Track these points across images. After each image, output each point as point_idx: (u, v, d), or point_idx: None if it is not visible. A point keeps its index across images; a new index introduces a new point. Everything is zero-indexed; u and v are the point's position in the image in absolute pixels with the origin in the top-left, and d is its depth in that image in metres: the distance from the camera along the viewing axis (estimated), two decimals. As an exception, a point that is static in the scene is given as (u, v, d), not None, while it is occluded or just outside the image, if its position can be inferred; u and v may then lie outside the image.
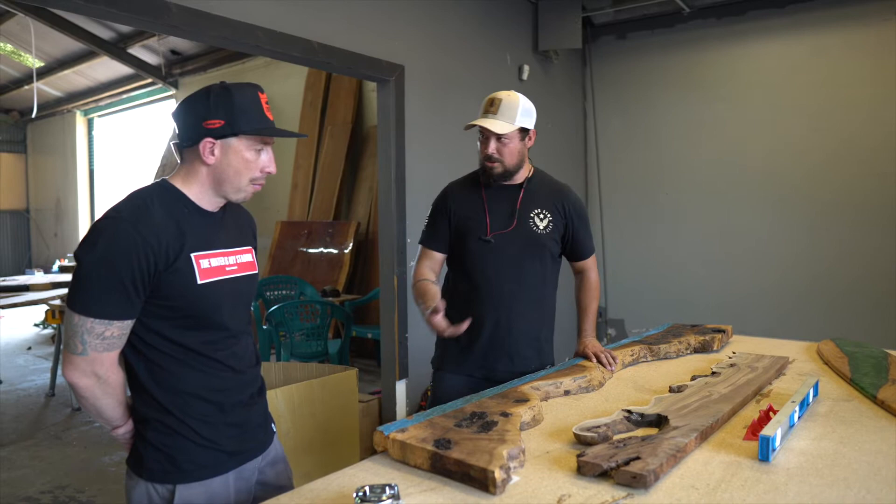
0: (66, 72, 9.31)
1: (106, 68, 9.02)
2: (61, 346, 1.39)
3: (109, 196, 10.97)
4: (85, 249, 1.27)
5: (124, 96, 9.83)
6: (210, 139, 1.35)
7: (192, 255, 1.35)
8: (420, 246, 2.26)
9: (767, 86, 4.67)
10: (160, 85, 8.82)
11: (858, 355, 2.17)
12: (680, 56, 5.05)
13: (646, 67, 5.20)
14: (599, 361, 2.03)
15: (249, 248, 1.53)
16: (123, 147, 10.79)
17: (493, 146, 2.06)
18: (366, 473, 1.30)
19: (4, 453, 3.95)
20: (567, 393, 1.82)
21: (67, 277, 5.73)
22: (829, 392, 1.83)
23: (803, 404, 1.59)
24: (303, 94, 7.10)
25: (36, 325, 8.18)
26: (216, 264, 1.40)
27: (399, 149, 3.64)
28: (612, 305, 5.43)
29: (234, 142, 1.37)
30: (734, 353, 2.21)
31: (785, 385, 1.89)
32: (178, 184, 1.40)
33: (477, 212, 2.14)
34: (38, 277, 7.20)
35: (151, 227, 1.29)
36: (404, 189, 3.69)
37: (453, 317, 1.99)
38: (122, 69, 8.83)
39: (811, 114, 4.51)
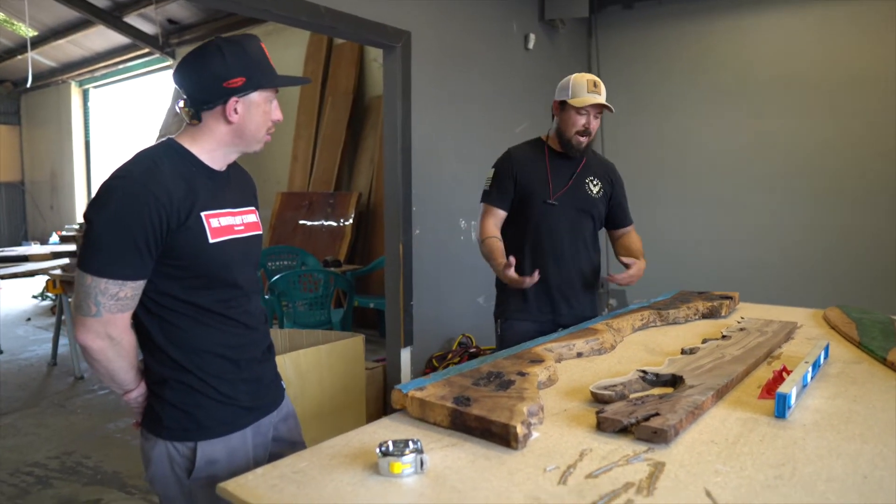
0: (61, 41, 9.18)
1: (101, 38, 8.89)
2: (73, 309, 1.37)
3: (106, 168, 10.90)
4: (96, 210, 1.26)
5: (120, 66, 9.71)
6: (235, 98, 1.35)
7: (203, 213, 1.34)
8: (483, 204, 2.47)
9: (775, 58, 4.62)
10: (157, 55, 8.71)
11: (865, 321, 2.19)
12: (687, 26, 4.99)
13: (652, 38, 5.15)
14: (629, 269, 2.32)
15: (253, 208, 1.53)
16: (120, 118, 10.68)
17: (594, 122, 2.35)
18: (385, 430, 1.31)
19: (9, 421, 3.97)
20: (580, 355, 1.83)
21: (68, 247, 5.70)
22: (839, 355, 1.84)
23: (815, 365, 1.60)
24: (303, 64, 7.02)
25: (34, 296, 8.18)
26: (225, 223, 1.40)
27: (405, 116, 3.61)
28: (614, 277, 5.43)
29: (255, 96, 1.37)
30: (742, 318, 2.23)
31: (794, 348, 1.90)
32: (186, 143, 1.38)
33: (540, 176, 2.42)
34: (37, 248, 7.17)
35: (162, 186, 1.28)
36: (410, 157, 3.67)
37: (518, 267, 2.27)
38: (118, 39, 8.71)
39: (818, 87, 4.47)
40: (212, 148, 1.40)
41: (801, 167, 4.58)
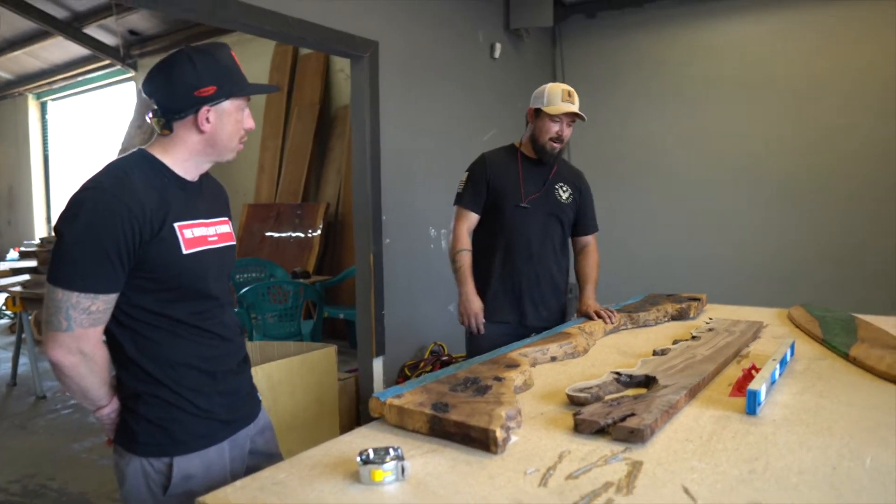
0: (17, 53, 8.93)
1: (60, 49, 8.69)
2: (43, 325, 1.32)
3: (65, 182, 10.64)
4: (66, 222, 1.23)
5: (80, 78, 9.49)
6: (207, 107, 1.34)
7: (176, 224, 1.32)
8: (456, 207, 2.51)
9: (738, 64, 4.74)
10: (118, 66, 8.54)
11: (828, 318, 2.26)
12: (650, 35, 5.10)
13: (616, 46, 5.24)
14: (600, 317, 2.27)
15: (226, 218, 1.52)
16: (79, 131, 10.44)
17: (567, 130, 2.43)
18: (364, 439, 1.31)
19: (-32, 445, 3.83)
20: (554, 359, 1.85)
21: (28, 263, 5.55)
22: (804, 352, 1.90)
23: (782, 363, 1.65)
24: (269, 75, 6.97)
25: (-8, 315, 7.92)
26: (199, 234, 1.38)
27: (373, 125, 3.61)
28: (583, 282, 5.49)
29: (227, 105, 1.36)
30: (711, 318, 2.28)
31: (762, 347, 1.95)
32: (158, 153, 1.36)
33: (513, 180, 2.48)
34: (-5, 265, 6.95)
35: (134, 197, 1.26)
36: (379, 167, 3.67)
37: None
38: (77, 50, 8.52)
39: (781, 93, 4.60)
40: (184, 158, 1.38)
41: (759, 170, 4.70)
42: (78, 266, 1.23)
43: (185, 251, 1.33)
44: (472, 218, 2.49)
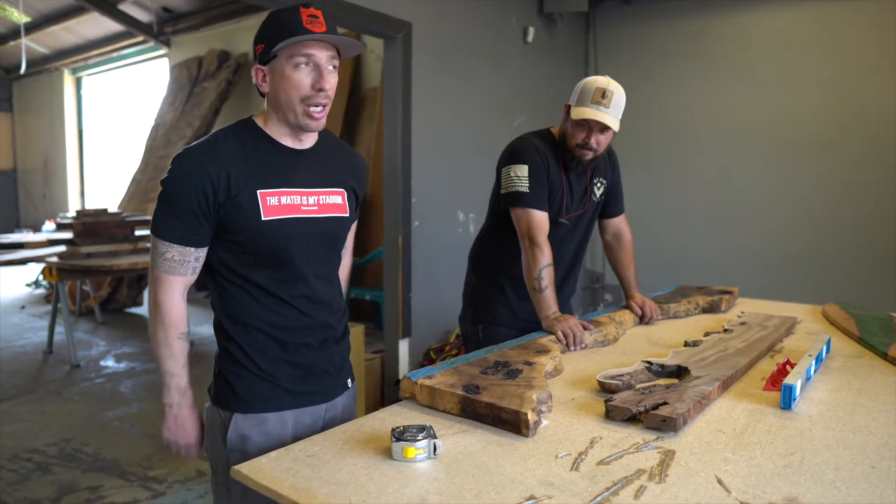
0: (54, 28, 9.08)
1: (95, 25, 8.81)
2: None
3: (99, 156, 10.82)
4: (164, 179, 1.32)
5: (114, 54, 9.62)
6: (258, 66, 1.33)
7: (259, 191, 1.32)
8: (523, 210, 2.00)
9: (771, 53, 4.64)
10: (151, 43, 8.64)
11: (864, 317, 2.21)
12: (683, 21, 5.00)
13: (650, 33, 5.15)
14: (645, 314, 2.17)
15: (341, 189, 1.46)
16: (113, 107, 10.59)
17: (596, 138, 1.98)
18: (395, 417, 1.32)
19: (6, 407, 3.95)
20: (584, 347, 1.84)
21: (64, 235, 5.67)
22: (840, 349, 1.86)
23: (818, 359, 1.62)
24: None
25: (28, 284, 8.12)
26: (287, 202, 1.35)
27: (405, 107, 3.61)
28: (609, 271, 5.46)
29: (277, 63, 1.30)
30: (743, 312, 2.25)
31: (796, 342, 1.92)
32: (260, 120, 1.38)
33: (557, 188, 2.07)
34: (32, 236, 7.12)
35: (215, 160, 1.30)
36: (410, 149, 3.67)
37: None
38: (112, 26, 8.63)
39: (815, 82, 4.49)
40: (274, 124, 1.37)
41: (795, 160, 4.61)
42: (160, 216, 1.33)
43: (263, 218, 1.32)
44: (547, 221, 2.02)
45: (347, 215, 1.48)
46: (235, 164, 1.31)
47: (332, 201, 1.43)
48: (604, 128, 1.96)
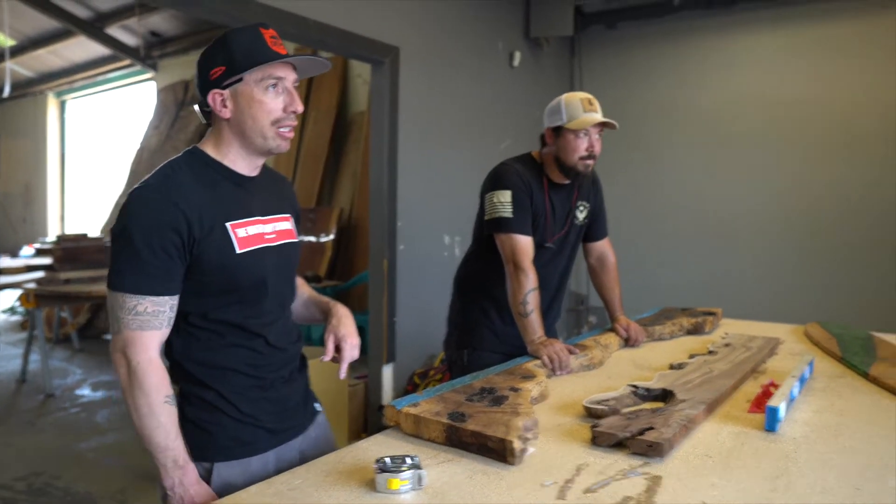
0: (40, 51, 9.05)
1: (81, 49, 8.79)
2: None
3: (82, 180, 10.73)
4: (116, 225, 1.21)
5: (99, 78, 9.59)
6: (216, 90, 1.25)
7: (228, 224, 1.27)
8: (506, 235, 2.01)
9: (755, 78, 4.73)
10: (138, 67, 8.62)
11: (846, 336, 2.23)
12: (668, 47, 5.09)
13: (636, 57, 5.23)
14: (631, 338, 2.16)
15: (288, 215, 1.43)
16: (98, 131, 10.54)
17: (598, 142, 2.06)
18: (379, 447, 1.30)
19: (-24, 439, 3.86)
20: (569, 371, 1.84)
21: (42, 261, 5.60)
22: (823, 370, 1.87)
23: (801, 380, 1.63)
24: None
25: (4, 311, 7.99)
26: (254, 232, 1.31)
27: (392, 131, 3.63)
28: (594, 293, 5.47)
29: (241, 86, 1.25)
30: (727, 333, 2.26)
31: (779, 363, 1.93)
32: (209, 149, 1.31)
33: (541, 212, 2.09)
34: (9, 261, 7.02)
35: (182, 195, 1.22)
36: (396, 173, 3.68)
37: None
38: (98, 50, 8.61)
39: (797, 106, 4.58)
40: (230, 150, 1.31)
41: (775, 183, 4.68)
42: (123, 266, 1.20)
43: (238, 251, 1.27)
44: (531, 246, 2.02)
45: (297, 240, 1.46)
46: (199, 197, 1.24)
47: (284, 227, 1.40)
48: (598, 132, 2.06)
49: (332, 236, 6.34)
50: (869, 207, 4.36)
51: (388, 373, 3.74)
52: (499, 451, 1.19)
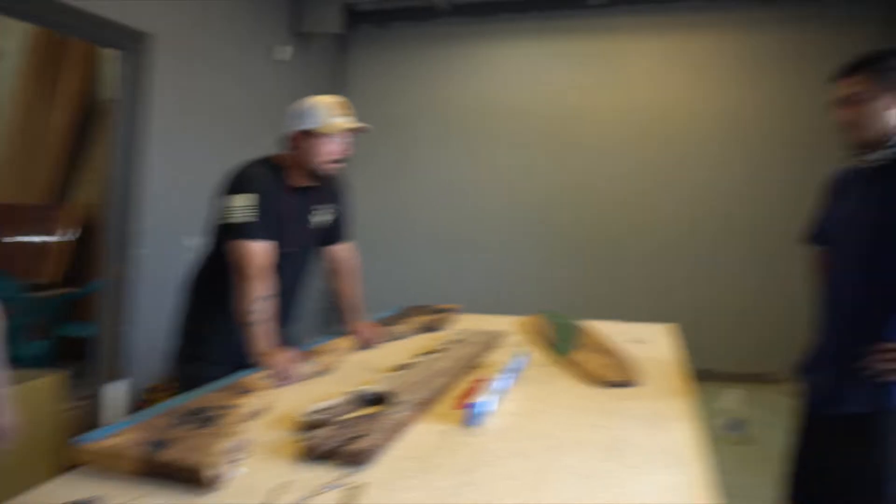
0: None
1: None
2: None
3: None
4: None
5: None
6: None
7: None
8: (245, 242, 1.90)
9: (518, 85, 5.12)
10: None
11: (562, 325, 2.50)
12: (436, 49, 5.31)
13: (403, 58, 5.38)
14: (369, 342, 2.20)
15: None
16: None
17: (349, 148, 2.05)
18: (66, 489, 1.14)
19: None
20: (296, 381, 1.81)
21: None
22: (540, 359, 2.08)
23: (512, 371, 1.78)
24: (27, 56, 5.96)
25: None
26: None
27: (136, 123, 3.32)
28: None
29: None
30: (463, 329, 2.40)
31: (499, 357, 2.08)
32: None
33: (282, 216, 2.01)
34: None
35: None
36: (138, 169, 3.37)
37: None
38: None
39: (556, 116, 5.06)
40: None
41: (526, 195, 5.14)
42: None
43: None
44: (265, 252, 1.93)
45: None
46: None
47: None
48: (350, 136, 2.06)
49: (67, 237, 5.59)
50: (588, 206, 4.98)
51: (117, 392, 3.39)
52: (193, 480, 1.12)
